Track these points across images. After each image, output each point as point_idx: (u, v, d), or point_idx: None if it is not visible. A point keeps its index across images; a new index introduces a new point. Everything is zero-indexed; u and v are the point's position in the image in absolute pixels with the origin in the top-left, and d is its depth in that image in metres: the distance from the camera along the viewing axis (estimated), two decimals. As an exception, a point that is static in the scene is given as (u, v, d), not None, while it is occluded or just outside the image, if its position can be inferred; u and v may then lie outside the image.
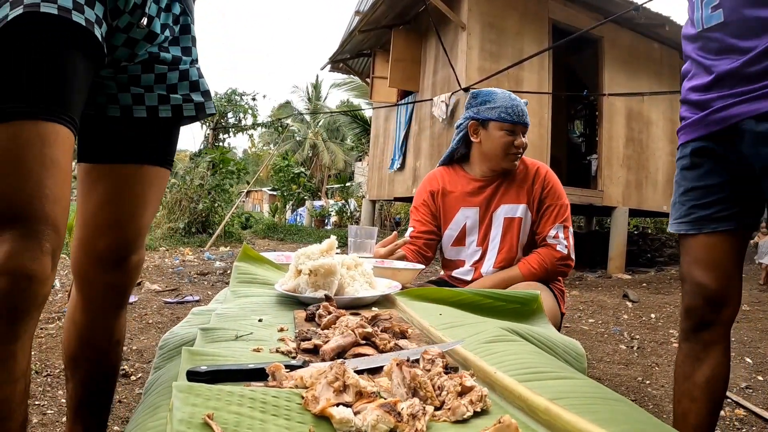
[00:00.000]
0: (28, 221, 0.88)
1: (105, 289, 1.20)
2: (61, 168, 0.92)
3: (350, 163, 28.95)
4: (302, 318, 1.23)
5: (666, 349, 3.34)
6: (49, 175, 0.89)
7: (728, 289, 1.39)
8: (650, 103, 7.92)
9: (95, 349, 1.25)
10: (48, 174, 0.89)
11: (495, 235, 2.05)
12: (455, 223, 2.09)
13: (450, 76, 6.92)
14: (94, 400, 1.29)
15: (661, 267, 8.16)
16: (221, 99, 12.56)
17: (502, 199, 2.04)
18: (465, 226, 2.08)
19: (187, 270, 6.01)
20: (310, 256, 1.53)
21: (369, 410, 0.65)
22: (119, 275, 1.19)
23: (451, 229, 2.10)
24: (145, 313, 3.74)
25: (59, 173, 0.91)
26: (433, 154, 7.44)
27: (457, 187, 2.09)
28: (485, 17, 6.94)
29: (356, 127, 20.89)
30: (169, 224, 9.86)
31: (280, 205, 14.59)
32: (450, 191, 2.10)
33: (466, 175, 2.11)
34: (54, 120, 0.90)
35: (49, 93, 0.89)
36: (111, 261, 1.17)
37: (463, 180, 2.10)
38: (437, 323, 1.19)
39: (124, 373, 2.48)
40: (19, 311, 0.88)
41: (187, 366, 0.79)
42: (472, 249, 2.09)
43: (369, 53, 9.99)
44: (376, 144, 10.27)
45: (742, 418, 2.25)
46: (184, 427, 0.59)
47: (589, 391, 0.80)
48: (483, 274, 2.06)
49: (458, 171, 2.13)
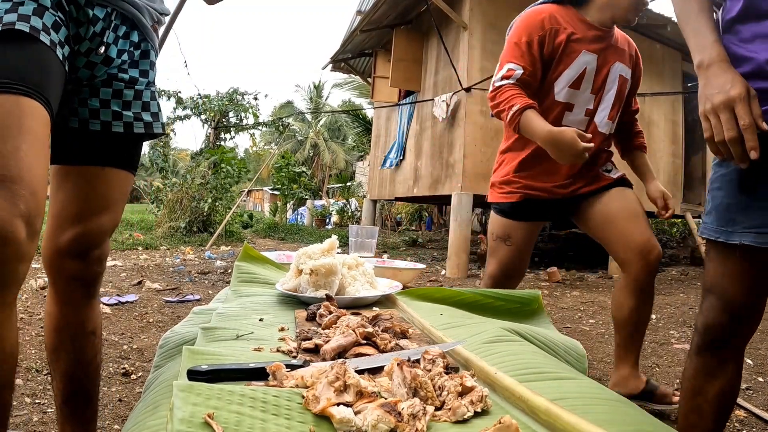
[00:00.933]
0: (2, 181, 0.92)
1: (71, 278, 1.29)
2: (38, 137, 0.99)
3: (351, 162, 28.97)
4: (303, 317, 1.23)
5: (666, 350, 3.34)
6: (24, 140, 0.96)
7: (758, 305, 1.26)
8: (651, 104, 7.91)
9: (71, 339, 1.34)
10: (24, 139, 0.96)
11: (610, 88, 2.08)
12: (577, 64, 2.01)
13: (451, 76, 6.91)
14: (78, 394, 1.37)
15: (661, 268, 8.15)
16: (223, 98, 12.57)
17: (617, 56, 2.07)
18: (585, 71, 2.03)
19: (187, 269, 6.01)
20: (311, 255, 1.53)
21: (369, 410, 0.65)
22: (82, 266, 1.29)
23: (572, 69, 2.02)
24: (145, 312, 3.74)
25: (36, 141, 0.98)
26: (434, 153, 7.44)
27: (578, 30, 2.02)
28: (487, 17, 6.93)
29: (357, 126, 20.92)
30: (170, 223, 9.86)
31: (281, 205, 14.60)
32: (572, 32, 2.01)
33: (583, 20, 2.03)
34: (34, 98, 0.99)
35: (31, 77, 1.00)
36: (74, 252, 1.27)
37: (581, 24, 2.03)
38: (438, 323, 1.19)
39: (125, 372, 2.48)
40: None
41: (187, 365, 0.79)
42: (586, 95, 2.06)
43: (370, 53, 9.99)
44: (377, 144, 10.28)
45: (742, 419, 2.25)
46: (184, 427, 0.59)
47: (590, 392, 0.80)
48: (597, 124, 2.10)
49: (573, 13, 2.05)
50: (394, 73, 8.13)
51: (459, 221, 6.60)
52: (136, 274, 5.49)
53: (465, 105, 6.68)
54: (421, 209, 15.90)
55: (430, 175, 7.52)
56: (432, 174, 7.47)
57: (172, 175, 11.06)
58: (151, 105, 1.32)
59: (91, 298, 1.36)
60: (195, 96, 12.14)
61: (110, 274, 5.35)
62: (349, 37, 9.48)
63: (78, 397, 1.37)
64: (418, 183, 7.94)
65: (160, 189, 10.67)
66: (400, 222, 17.01)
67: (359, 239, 2.46)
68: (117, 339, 3.03)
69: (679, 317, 4.38)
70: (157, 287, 4.74)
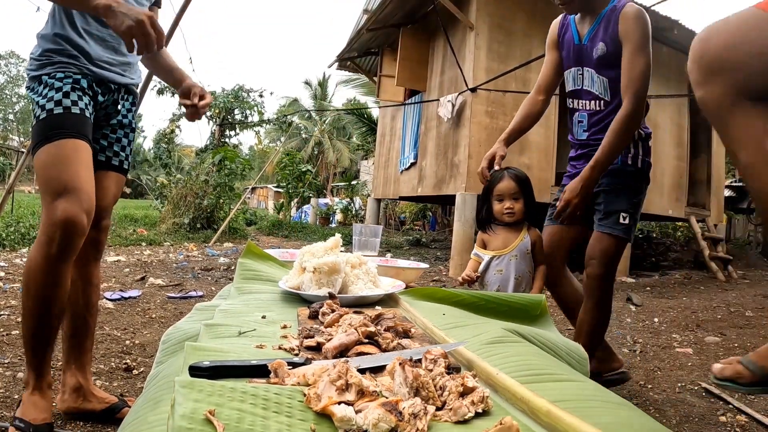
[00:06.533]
0: (71, 192, 1.63)
1: (88, 242, 1.79)
2: (88, 165, 1.71)
3: (356, 161, 28.96)
4: (305, 315, 1.23)
5: (668, 354, 3.33)
6: (81, 167, 1.67)
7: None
8: (657, 106, 7.88)
9: (82, 287, 1.90)
10: (81, 167, 1.67)
11: None
12: None
13: (457, 76, 6.91)
14: (81, 328, 1.91)
15: (665, 271, 8.12)
16: (228, 95, 12.59)
17: None
18: None
19: (191, 265, 6.03)
20: (314, 253, 1.53)
21: (370, 409, 0.65)
22: (96, 232, 1.87)
23: None
24: (148, 308, 3.75)
25: (86, 167, 1.70)
26: (439, 153, 7.44)
27: None
28: (494, 18, 6.92)
29: (362, 125, 20.90)
30: (174, 219, 9.88)
31: (285, 203, 14.62)
32: None
33: None
34: (82, 139, 1.70)
35: (80, 129, 1.71)
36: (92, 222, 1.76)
37: None
38: (440, 323, 1.19)
39: (127, 367, 2.49)
40: (69, 248, 1.64)
41: (190, 361, 0.79)
42: None
43: (377, 51, 9.98)
44: (382, 143, 10.27)
45: (743, 424, 2.24)
46: (185, 423, 0.59)
47: (591, 394, 0.80)
48: None
49: None
50: (400, 73, 8.12)
51: (463, 221, 6.60)
52: (139, 269, 5.50)
53: (470, 105, 6.67)
54: (425, 209, 15.89)
55: (435, 174, 7.52)
56: (437, 174, 7.47)
57: (177, 172, 11.08)
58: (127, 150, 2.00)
59: (97, 259, 1.96)
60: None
61: (114, 270, 5.36)
62: (355, 35, 9.47)
63: (81, 330, 1.91)
64: (423, 182, 7.94)
65: (165, 185, 10.68)
66: (404, 221, 17.00)
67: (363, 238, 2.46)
68: (119, 334, 3.04)
69: (682, 321, 4.37)
70: (160, 283, 4.75)
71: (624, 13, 2.08)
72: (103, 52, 1.83)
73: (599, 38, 2.17)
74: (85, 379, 1.91)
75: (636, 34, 2.05)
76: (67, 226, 1.59)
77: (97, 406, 1.89)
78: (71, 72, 1.75)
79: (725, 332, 3.99)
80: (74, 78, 1.74)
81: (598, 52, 2.18)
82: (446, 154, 7.21)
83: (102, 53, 1.83)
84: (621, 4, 2.12)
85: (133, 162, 41.83)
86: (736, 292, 6.12)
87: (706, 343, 3.66)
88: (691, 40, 1.24)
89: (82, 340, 1.92)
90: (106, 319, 3.33)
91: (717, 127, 1.21)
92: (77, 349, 1.91)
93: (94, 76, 1.80)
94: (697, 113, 8.93)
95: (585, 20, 2.24)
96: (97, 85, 1.82)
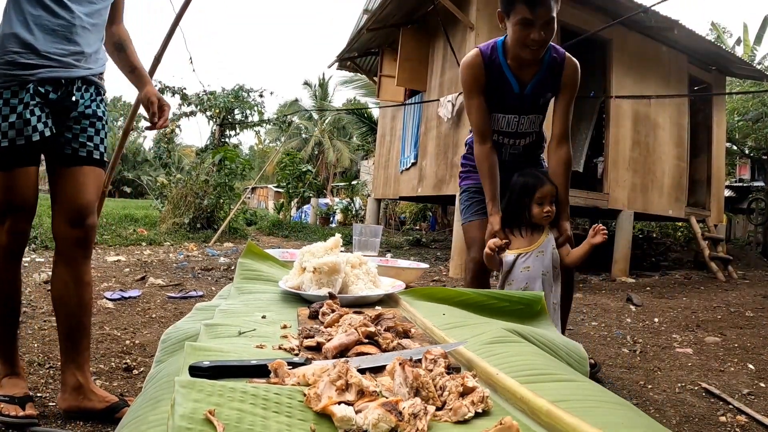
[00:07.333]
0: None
1: (74, 241, 1.89)
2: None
3: (356, 161, 28.95)
4: (306, 315, 1.23)
5: (668, 354, 3.33)
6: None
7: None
8: (657, 106, 7.89)
9: (74, 287, 1.92)
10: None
11: None
12: None
13: (457, 76, 6.90)
14: (76, 328, 1.93)
15: (665, 271, 8.12)
16: (228, 95, 12.56)
17: None
18: None
19: (191, 265, 6.03)
20: (314, 253, 1.53)
21: (370, 409, 0.65)
22: (81, 231, 1.90)
23: None
24: (148, 308, 3.75)
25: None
26: (439, 153, 7.44)
27: None
28: (494, 18, 6.90)
29: (362, 125, 20.88)
30: (174, 219, 9.86)
31: (285, 203, 14.61)
32: None
33: None
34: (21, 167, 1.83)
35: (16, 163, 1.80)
36: (74, 220, 1.88)
37: None
38: (440, 323, 1.19)
39: (126, 367, 2.49)
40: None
41: (189, 361, 0.79)
42: None
43: (377, 51, 9.98)
44: (382, 143, 10.27)
45: (743, 424, 2.24)
46: (185, 423, 0.59)
47: (591, 394, 0.80)
48: None
49: None
50: (400, 73, 8.12)
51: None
52: (139, 269, 5.50)
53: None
54: (425, 209, 15.88)
55: (435, 174, 7.52)
56: (437, 174, 7.47)
57: (177, 172, 11.06)
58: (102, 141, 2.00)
59: (86, 258, 1.96)
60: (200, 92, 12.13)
61: (114, 270, 5.36)
62: (355, 35, 9.47)
63: (76, 330, 1.93)
64: (423, 183, 7.94)
65: (165, 185, 10.67)
66: (404, 221, 16.98)
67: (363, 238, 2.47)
68: (119, 334, 3.04)
69: (682, 321, 4.37)
70: (160, 283, 4.75)
71: (568, 64, 2.32)
72: (52, 43, 1.79)
73: (548, 88, 2.35)
74: (84, 377, 1.93)
75: (576, 85, 2.34)
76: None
77: (97, 405, 1.90)
78: (11, 85, 1.74)
79: (725, 332, 3.99)
80: (13, 90, 1.74)
81: (544, 99, 2.39)
82: (446, 154, 7.21)
83: (50, 45, 1.79)
84: (560, 54, 2.32)
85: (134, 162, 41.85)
86: (736, 293, 6.12)
87: (706, 343, 3.66)
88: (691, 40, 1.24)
89: (78, 339, 1.93)
90: (106, 319, 3.33)
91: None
92: (74, 348, 1.93)
93: (38, 80, 1.77)
94: (697, 113, 8.94)
95: (525, 68, 2.31)
96: (43, 84, 1.79)
